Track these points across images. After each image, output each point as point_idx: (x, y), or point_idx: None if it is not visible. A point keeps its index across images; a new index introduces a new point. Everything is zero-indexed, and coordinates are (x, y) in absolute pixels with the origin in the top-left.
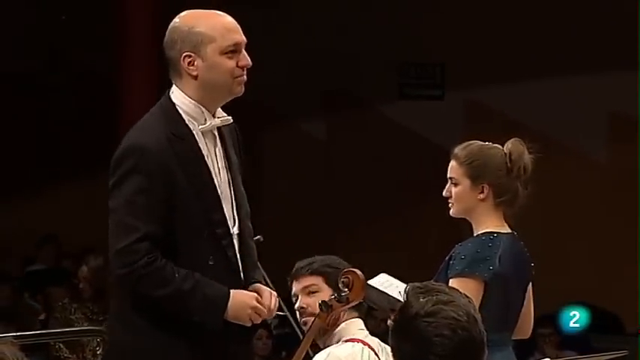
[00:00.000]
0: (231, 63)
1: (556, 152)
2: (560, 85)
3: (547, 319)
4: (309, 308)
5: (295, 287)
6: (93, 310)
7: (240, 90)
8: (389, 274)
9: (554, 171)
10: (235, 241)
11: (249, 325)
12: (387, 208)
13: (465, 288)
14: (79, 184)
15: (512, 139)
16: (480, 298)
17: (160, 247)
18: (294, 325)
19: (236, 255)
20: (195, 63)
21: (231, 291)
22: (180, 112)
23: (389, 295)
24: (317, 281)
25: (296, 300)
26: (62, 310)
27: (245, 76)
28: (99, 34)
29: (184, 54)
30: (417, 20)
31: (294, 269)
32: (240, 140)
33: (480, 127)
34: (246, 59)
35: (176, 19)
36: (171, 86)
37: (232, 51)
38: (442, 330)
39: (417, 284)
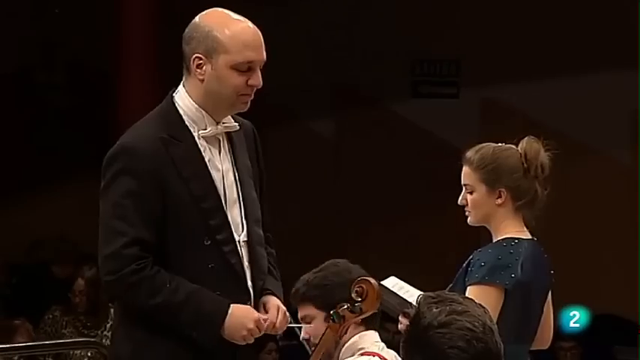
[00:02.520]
0: (240, 80)
1: (577, 152)
2: (581, 82)
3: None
4: (312, 338)
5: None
6: (86, 323)
7: (242, 108)
8: (400, 279)
9: (575, 171)
10: (243, 249)
11: (241, 344)
12: (399, 211)
13: (485, 297)
14: (75, 185)
15: (526, 138)
16: (500, 307)
17: (151, 253)
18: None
19: (241, 262)
20: (204, 67)
21: (232, 306)
22: (181, 113)
23: (400, 297)
24: (307, 309)
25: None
26: (53, 324)
27: (252, 95)
28: (95, 28)
29: (195, 55)
30: (430, 15)
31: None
32: (259, 145)
33: (497, 127)
34: (257, 79)
35: (201, 15)
36: (175, 86)
37: (246, 67)
38: (457, 342)
39: (430, 294)
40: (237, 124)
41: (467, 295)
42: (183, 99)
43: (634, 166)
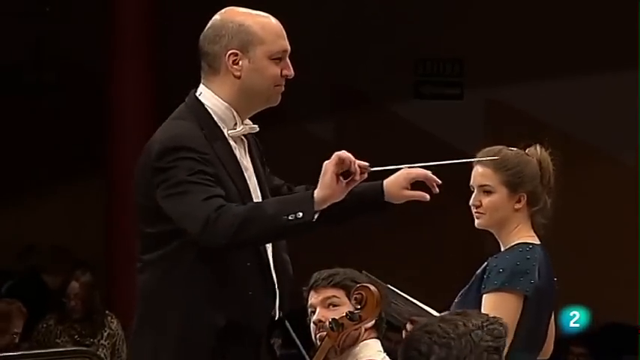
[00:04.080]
0: (277, 69)
1: (583, 154)
2: (587, 83)
3: (579, 338)
4: (327, 323)
5: (313, 299)
6: (80, 332)
7: (277, 100)
8: (402, 289)
9: (580, 173)
10: (269, 251)
11: (344, 190)
12: (401, 217)
13: (504, 304)
14: (68, 188)
15: (537, 146)
16: (519, 315)
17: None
18: (300, 345)
19: (269, 265)
20: (240, 63)
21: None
22: (211, 112)
23: (415, 304)
24: (339, 294)
25: (312, 313)
26: (46, 333)
27: (284, 87)
28: (87, 26)
29: (230, 51)
30: (433, 12)
31: (313, 280)
32: (262, 151)
33: (502, 129)
34: (290, 69)
35: (222, 14)
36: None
37: (279, 57)
38: (418, 345)
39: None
40: (256, 125)
41: (484, 303)
42: (209, 99)
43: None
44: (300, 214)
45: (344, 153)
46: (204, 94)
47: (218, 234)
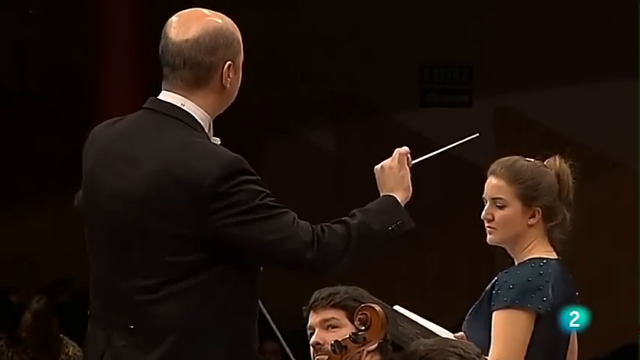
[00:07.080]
0: None
1: (597, 163)
2: (604, 90)
3: None
4: (326, 345)
5: (312, 320)
6: (33, 357)
7: None
8: (404, 306)
9: (594, 183)
10: None
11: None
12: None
13: (515, 322)
14: (51, 202)
15: (556, 157)
16: (531, 333)
17: None
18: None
19: None
20: (231, 74)
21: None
22: (204, 128)
23: (421, 326)
24: (338, 315)
25: (311, 334)
26: None
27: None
28: (73, 29)
29: (228, 62)
30: (440, 17)
31: (313, 299)
32: None
33: (513, 139)
34: None
35: (201, 17)
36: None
37: None
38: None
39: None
40: None
41: (494, 320)
42: (197, 113)
43: None
44: (399, 222)
45: (405, 149)
46: (189, 106)
47: (333, 256)
